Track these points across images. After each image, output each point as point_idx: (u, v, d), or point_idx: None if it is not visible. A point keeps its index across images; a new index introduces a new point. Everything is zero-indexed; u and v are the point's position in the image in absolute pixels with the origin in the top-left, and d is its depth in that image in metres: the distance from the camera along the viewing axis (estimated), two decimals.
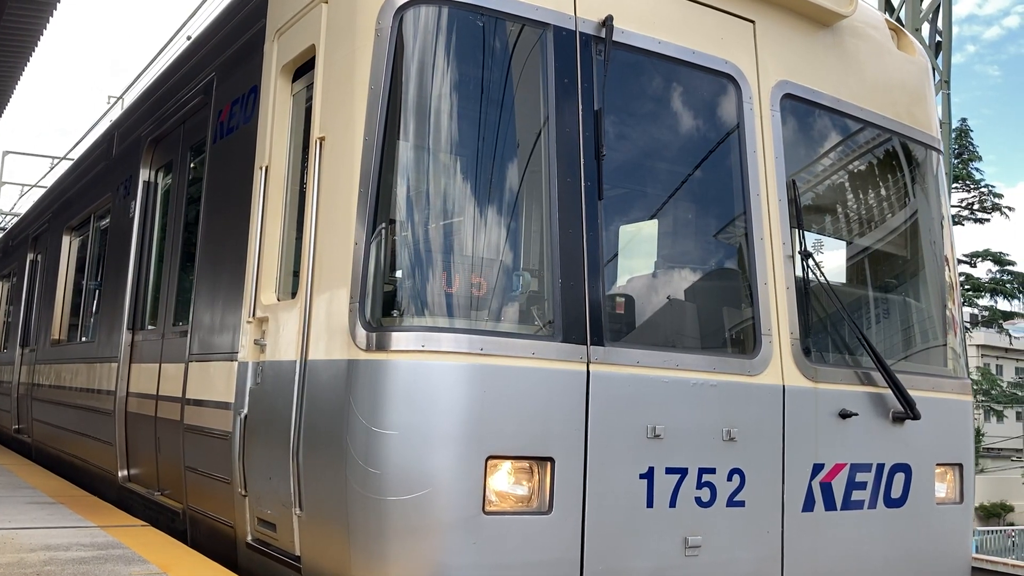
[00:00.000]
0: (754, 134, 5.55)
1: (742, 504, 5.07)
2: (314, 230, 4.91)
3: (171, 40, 15.81)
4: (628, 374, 4.79)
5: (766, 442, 5.19)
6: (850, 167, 6.30)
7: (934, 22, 19.35)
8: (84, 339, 10.21)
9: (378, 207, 4.64)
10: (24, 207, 25.26)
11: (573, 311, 4.70)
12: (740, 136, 5.51)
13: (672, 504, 4.84)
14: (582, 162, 4.89)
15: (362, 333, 4.49)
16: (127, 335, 8.11)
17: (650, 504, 4.78)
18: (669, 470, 4.84)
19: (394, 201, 4.68)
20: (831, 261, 6.10)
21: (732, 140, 5.52)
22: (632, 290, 5.29)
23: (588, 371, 4.67)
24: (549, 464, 4.53)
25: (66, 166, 16.04)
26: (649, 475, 4.78)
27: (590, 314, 4.73)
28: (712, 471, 4.97)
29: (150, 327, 7.91)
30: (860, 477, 5.54)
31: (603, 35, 5.07)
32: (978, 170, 47.20)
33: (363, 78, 4.76)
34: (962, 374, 6.44)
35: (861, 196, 6.43)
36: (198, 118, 7.36)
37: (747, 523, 5.08)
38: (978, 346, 57.76)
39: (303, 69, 5.59)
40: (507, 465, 4.48)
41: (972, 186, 46.14)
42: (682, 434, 4.90)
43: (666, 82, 5.41)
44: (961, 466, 6.15)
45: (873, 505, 5.60)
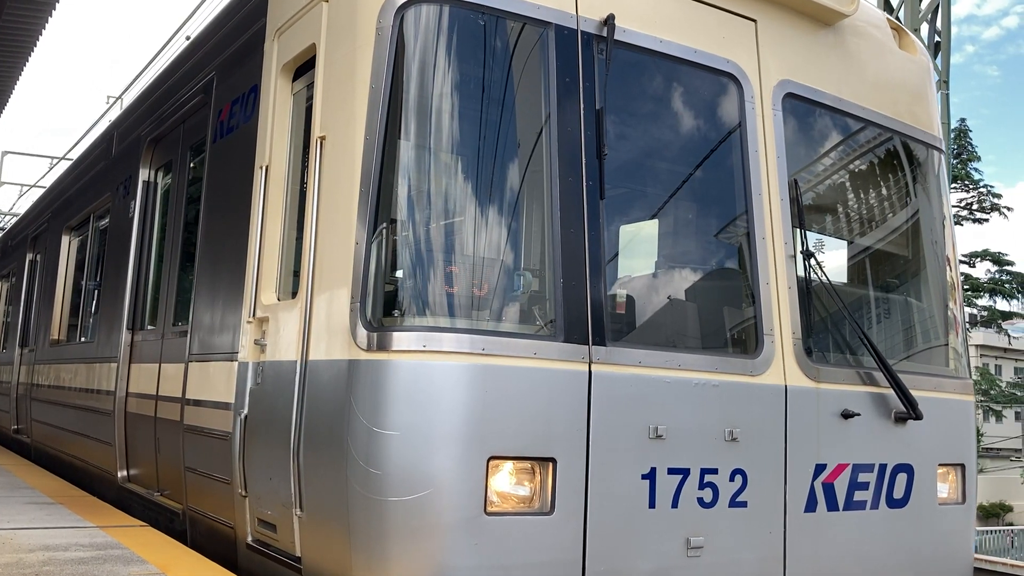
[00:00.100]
0: (756, 133, 5.53)
1: (744, 505, 5.05)
2: (315, 230, 4.89)
3: (170, 40, 15.80)
4: (630, 374, 4.77)
5: (768, 442, 5.17)
6: (852, 167, 6.28)
7: (933, 22, 19.31)
8: (83, 339, 10.19)
9: (379, 206, 4.62)
10: (23, 207, 25.25)
11: (575, 311, 4.69)
12: (742, 135, 5.49)
13: (674, 505, 4.82)
14: (583, 161, 4.87)
15: (363, 333, 4.47)
16: (127, 335, 8.09)
17: (652, 505, 4.76)
18: (671, 470, 4.82)
19: (395, 200, 4.66)
20: (833, 261, 6.09)
21: (734, 139, 5.51)
22: (634, 290, 5.27)
23: (590, 371, 4.65)
24: (551, 464, 4.51)
25: (65, 166, 16.03)
26: (651, 475, 4.76)
27: (592, 314, 4.72)
28: (714, 471, 4.96)
29: (150, 327, 7.89)
30: (862, 477, 5.53)
31: (604, 34, 5.05)
32: (977, 170, 47.17)
33: (364, 77, 4.75)
34: (964, 374, 6.42)
35: (863, 196, 6.41)
36: (198, 117, 7.34)
37: (749, 524, 5.07)
38: (977, 346, 57.75)
39: (303, 68, 5.57)
40: (509, 465, 4.46)
41: (971, 186, 46.13)
42: (684, 434, 4.88)
43: (668, 81, 5.40)
44: (963, 466, 6.13)
45: (875, 505, 5.59)
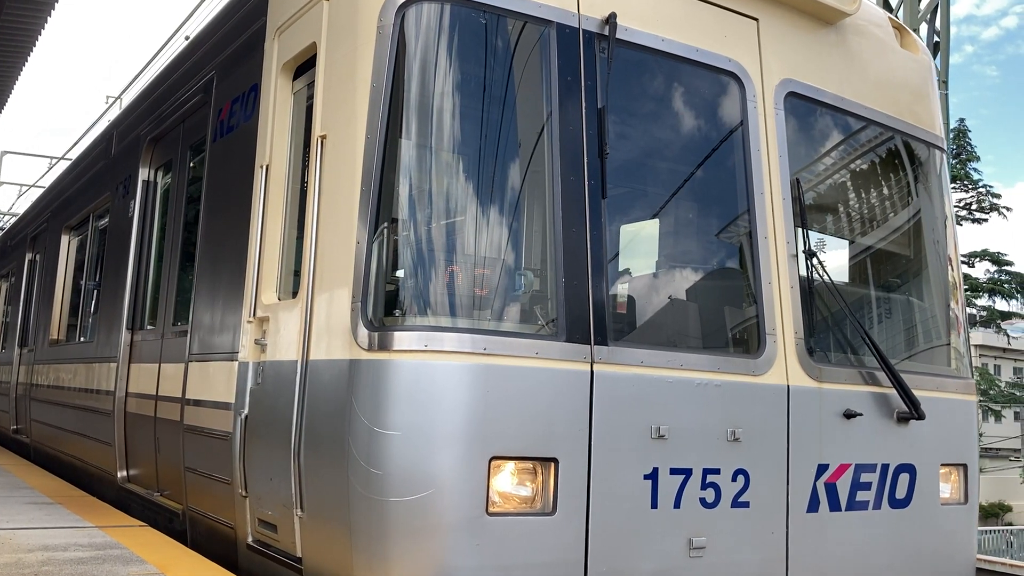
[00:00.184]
0: (758, 132, 5.51)
1: (747, 505, 5.03)
2: (315, 229, 4.87)
3: (170, 40, 15.77)
4: (632, 374, 4.75)
5: (771, 442, 5.15)
6: (853, 166, 6.26)
7: (932, 22, 19.31)
8: (83, 339, 10.17)
9: (380, 205, 4.60)
10: (22, 207, 25.21)
11: (577, 310, 4.67)
12: (744, 134, 5.48)
13: (676, 505, 4.81)
14: (585, 160, 4.85)
15: (364, 332, 4.45)
16: (126, 335, 8.07)
17: (654, 505, 4.74)
18: (673, 471, 4.81)
19: (396, 199, 4.64)
20: (835, 260, 6.07)
21: (736, 138, 5.49)
22: (636, 289, 5.25)
23: (592, 371, 4.63)
24: (553, 465, 4.49)
25: (64, 166, 16.00)
26: (653, 476, 4.74)
27: (594, 313, 4.70)
28: (716, 472, 4.94)
29: (149, 327, 7.87)
30: (865, 477, 5.51)
31: (606, 32, 5.03)
32: (976, 170, 47.15)
33: (365, 76, 4.73)
34: (966, 374, 6.41)
35: (865, 195, 6.40)
36: (198, 117, 7.32)
37: (752, 524, 5.05)
38: (976, 346, 57.67)
39: (304, 67, 5.55)
40: (511, 466, 4.44)
41: (970, 186, 46.11)
42: (686, 434, 4.86)
43: (669, 80, 5.38)
44: (965, 466, 6.11)
45: (878, 506, 5.57)
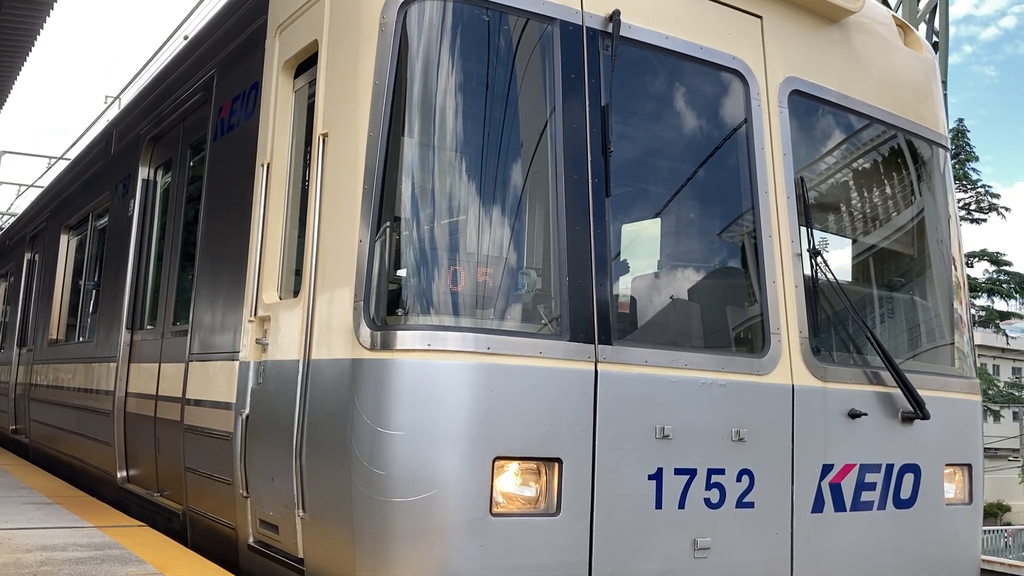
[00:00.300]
0: (762, 131, 5.48)
1: (751, 505, 5.00)
2: (317, 228, 4.84)
3: (169, 39, 15.74)
4: (636, 373, 4.72)
5: (775, 442, 5.12)
6: (858, 164, 6.23)
7: (931, 22, 19.28)
8: (82, 339, 10.14)
9: (382, 204, 4.57)
10: (21, 207, 25.16)
11: (580, 309, 4.63)
12: (748, 133, 5.44)
13: (681, 505, 4.77)
14: (589, 159, 4.82)
15: (366, 332, 4.42)
16: (126, 335, 8.04)
17: (659, 505, 4.71)
18: (678, 471, 4.77)
19: (399, 198, 4.61)
20: (839, 259, 6.04)
21: (740, 137, 5.46)
22: (639, 288, 5.22)
23: (596, 370, 4.60)
24: (557, 465, 4.46)
25: (63, 166, 15.96)
26: (658, 476, 4.71)
27: (598, 313, 4.67)
28: (721, 472, 4.91)
29: (149, 327, 7.84)
30: (869, 478, 5.48)
31: (610, 30, 5.00)
32: (975, 170, 47.11)
33: (367, 73, 4.69)
34: (970, 373, 6.38)
35: (868, 194, 6.37)
36: (198, 115, 7.28)
37: (756, 524, 5.02)
38: (975, 346, 57.67)
39: (305, 65, 5.52)
40: (514, 466, 4.41)
41: (969, 186, 46.10)
42: (691, 434, 4.83)
43: (673, 78, 5.35)
44: (970, 466, 6.08)
45: (882, 506, 5.54)
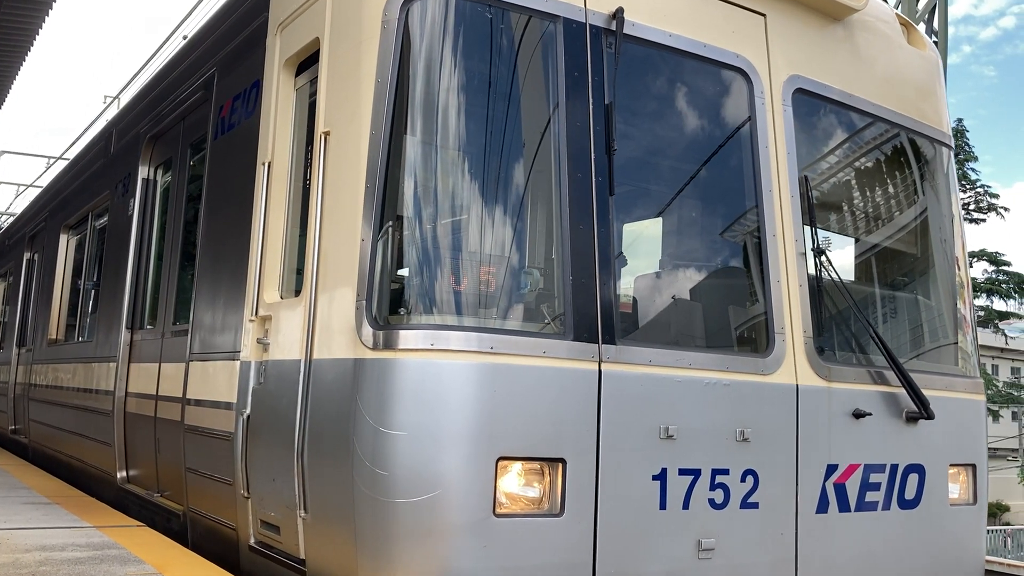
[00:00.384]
0: (766, 129, 5.45)
1: (756, 506, 4.97)
2: (319, 226, 4.81)
3: (168, 39, 15.71)
4: (640, 373, 4.69)
5: (780, 442, 5.09)
6: (861, 163, 6.21)
7: (930, 22, 19.25)
8: (82, 339, 10.10)
9: (385, 202, 4.54)
10: (19, 207, 25.12)
11: (584, 309, 4.60)
12: (752, 131, 5.42)
13: (685, 506, 4.74)
14: (593, 157, 4.79)
15: (369, 331, 4.39)
16: (126, 334, 8.00)
17: (663, 506, 4.68)
18: (682, 471, 4.74)
19: (401, 196, 4.58)
20: (842, 258, 6.02)
21: (744, 135, 5.43)
22: (643, 287, 5.20)
23: (600, 370, 4.57)
24: (561, 465, 4.43)
25: (62, 165, 15.92)
26: (662, 476, 4.68)
27: (601, 312, 4.64)
28: (725, 472, 4.88)
29: (149, 326, 7.81)
30: (874, 478, 5.45)
31: (613, 28, 4.97)
32: (974, 170, 47.03)
33: (369, 71, 4.66)
34: (974, 373, 6.35)
35: (872, 193, 6.34)
36: (198, 114, 7.25)
37: (761, 525, 4.99)
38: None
39: (306, 63, 5.50)
40: (518, 466, 4.38)
41: (968, 186, 46.03)
42: (695, 434, 4.80)
43: (677, 76, 5.32)
44: (974, 467, 6.06)
45: (887, 506, 5.51)
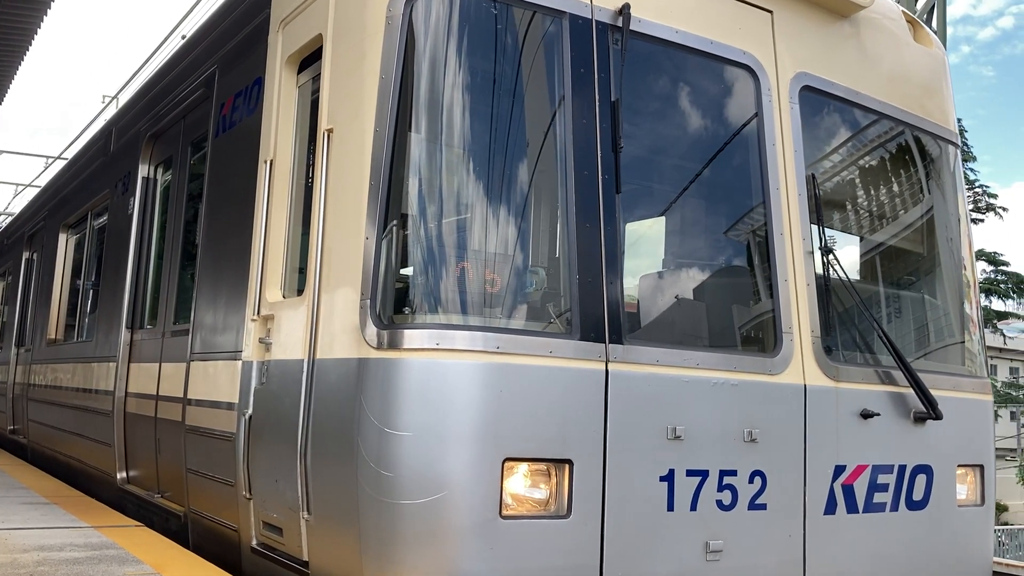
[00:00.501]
0: (773, 127, 5.40)
1: (764, 507, 4.92)
2: (322, 225, 4.76)
3: (167, 38, 15.68)
4: (647, 373, 4.64)
5: (788, 443, 5.04)
6: (868, 161, 6.16)
7: (928, 22, 19.18)
8: (81, 338, 10.05)
9: (389, 200, 4.49)
10: (18, 207, 25.07)
11: (591, 308, 4.55)
12: (759, 129, 5.36)
13: (693, 507, 4.69)
14: (599, 155, 4.74)
15: (373, 331, 4.34)
16: (126, 334, 7.96)
17: (671, 507, 4.63)
18: (690, 472, 4.69)
19: (406, 194, 4.53)
20: (849, 257, 5.97)
21: (750, 133, 5.38)
22: (650, 287, 5.14)
23: (607, 370, 4.52)
24: (567, 466, 4.38)
25: (61, 165, 15.87)
26: (669, 477, 4.63)
27: (608, 311, 4.59)
28: (733, 473, 4.83)
29: (149, 326, 7.76)
30: (882, 479, 5.41)
31: (620, 24, 4.92)
32: (973, 170, 47.12)
33: (373, 67, 4.61)
34: (981, 373, 6.31)
35: (880, 191, 6.30)
36: (199, 112, 7.20)
37: (769, 526, 4.94)
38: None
39: (309, 60, 5.44)
40: (524, 467, 4.33)
41: (967, 186, 46.12)
42: (703, 435, 4.75)
43: (683, 73, 5.27)
44: (982, 467, 6.01)
45: (895, 507, 5.46)
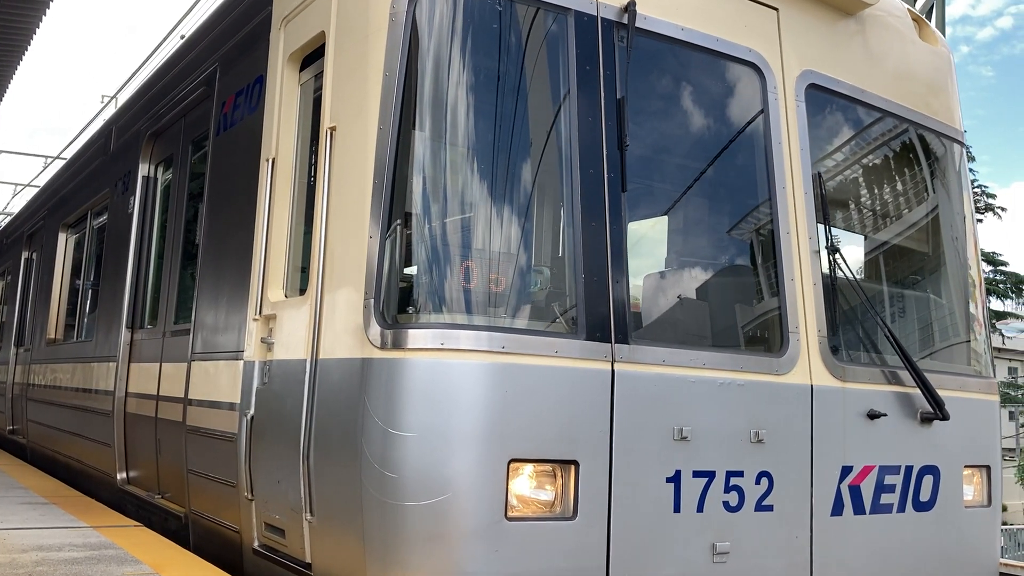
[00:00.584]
0: (779, 125, 5.36)
1: (770, 509, 4.88)
2: (325, 223, 4.72)
3: (166, 38, 15.66)
4: (654, 373, 4.60)
5: (794, 444, 5.00)
6: (874, 160, 6.12)
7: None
8: (81, 338, 10.01)
9: (393, 199, 4.44)
10: (16, 207, 25.04)
11: (597, 308, 4.51)
12: (765, 127, 5.32)
13: (699, 509, 4.65)
14: (604, 153, 4.69)
15: (377, 330, 4.29)
16: (126, 334, 7.91)
17: (677, 509, 4.59)
18: (696, 473, 4.65)
19: (410, 193, 4.49)
20: (855, 256, 5.92)
21: (757, 131, 5.33)
22: (656, 286, 5.10)
23: (613, 370, 4.48)
24: (573, 467, 4.34)
25: (60, 165, 15.84)
26: (676, 479, 4.59)
27: (614, 311, 4.54)
28: (740, 474, 4.79)
29: (149, 326, 7.72)
30: (889, 480, 5.36)
31: (625, 21, 4.88)
32: (972, 170, 47.06)
33: (377, 65, 4.57)
34: (987, 373, 6.27)
35: (887, 190, 6.26)
36: (200, 111, 7.16)
37: (776, 528, 4.89)
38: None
39: (311, 58, 5.40)
40: (529, 468, 4.29)
41: None
42: (709, 436, 4.71)
43: (689, 70, 5.23)
44: (988, 468, 5.97)
45: (902, 509, 5.42)
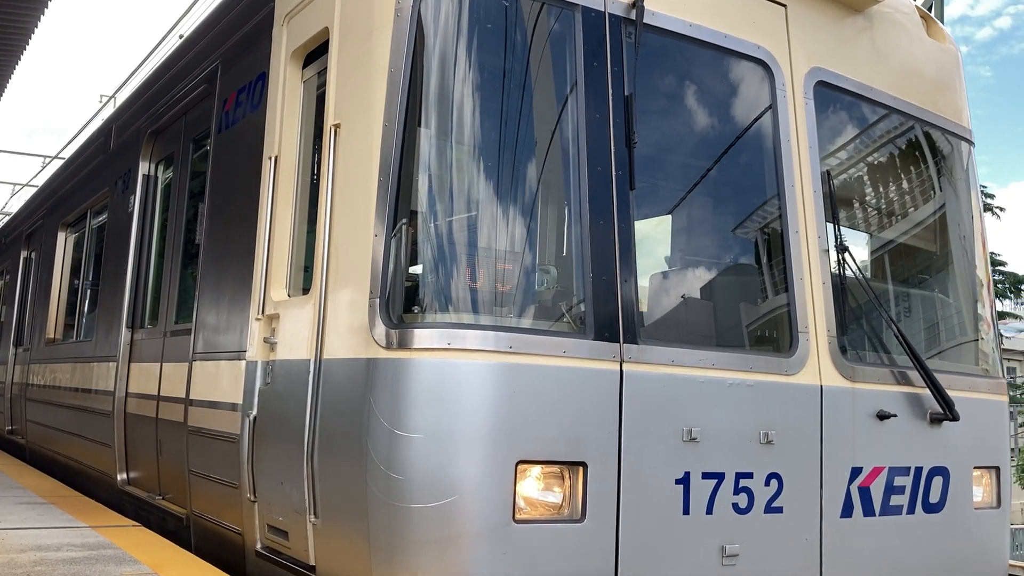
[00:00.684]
0: (788, 123, 5.30)
1: (780, 510, 4.82)
2: (328, 222, 4.66)
3: (165, 37, 15.61)
4: (663, 374, 4.54)
5: (804, 445, 4.94)
6: (883, 158, 6.07)
7: None
8: (80, 338, 9.95)
9: (399, 197, 4.38)
10: (15, 207, 24.98)
11: (605, 307, 4.45)
12: (774, 124, 5.27)
13: (709, 511, 4.59)
14: (612, 150, 4.64)
15: (382, 330, 4.23)
16: (126, 334, 7.85)
17: (686, 511, 4.53)
18: (705, 475, 4.59)
19: (416, 191, 4.43)
20: (864, 255, 5.87)
21: (765, 129, 5.28)
22: (665, 285, 5.05)
23: (621, 370, 4.42)
24: (581, 469, 4.28)
25: (59, 164, 15.78)
26: (685, 480, 4.53)
27: (622, 310, 4.48)
28: (749, 476, 4.73)
29: (150, 326, 7.66)
30: (898, 481, 5.31)
31: (633, 17, 4.83)
32: None
33: (382, 61, 4.51)
34: (997, 373, 6.21)
35: (894, 188, 6.20)
36: (201, 108, 7.10)
37: (785, 530, 4.84)
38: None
39: (314, 55, 5.34)
40: (537, 470, 4.23)
41: None
42: (718, 437, 4.65)
43: (697, 67, 5.17)
44: (998, 469, 5.92)
45: (911, 510, 5.37)
